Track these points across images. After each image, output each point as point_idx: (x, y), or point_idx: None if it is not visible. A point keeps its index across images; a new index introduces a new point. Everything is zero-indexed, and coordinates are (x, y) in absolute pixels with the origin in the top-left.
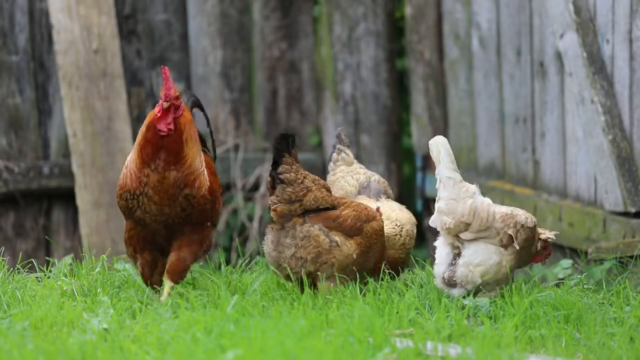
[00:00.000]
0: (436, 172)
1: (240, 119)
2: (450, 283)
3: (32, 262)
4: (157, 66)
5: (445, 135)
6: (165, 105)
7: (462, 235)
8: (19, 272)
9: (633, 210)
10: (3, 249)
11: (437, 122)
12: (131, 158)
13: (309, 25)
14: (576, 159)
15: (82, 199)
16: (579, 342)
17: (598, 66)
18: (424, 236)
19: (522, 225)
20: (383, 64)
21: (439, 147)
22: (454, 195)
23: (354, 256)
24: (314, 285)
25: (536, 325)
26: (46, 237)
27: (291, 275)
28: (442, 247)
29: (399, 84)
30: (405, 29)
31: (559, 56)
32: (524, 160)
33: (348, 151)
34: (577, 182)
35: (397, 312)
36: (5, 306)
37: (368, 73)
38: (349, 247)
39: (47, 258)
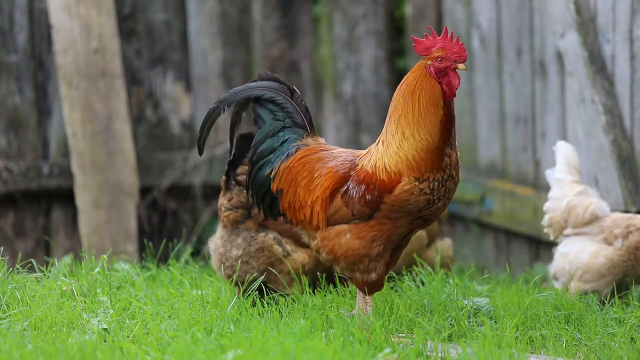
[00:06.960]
0: (549, 172)
1: (240, 118)
2: (554, 277)
3: (31, 262)
4: (157, 66)
5: None
6: (463, 67)
7: (564, 232)
8: (18, 272)
9: (634, 210)
10: (2, 249)
11: None
12: (417, 138)
13: (309, 25)
14: None
15: (82, 199)
16: (580, 342)
17: (599, 66)
18: None
19: (638, 228)
20: (383, 63)
21: (558, 152)
22: (559, 195)
23: (305, 267)
24: (259, 292)
25: (537, 325)
26: (45, 237)
27: (233, 279)
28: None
29: None
30: (406, 29)
31: (559, 56)
32: (525, 160)
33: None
34: None
35: (397, 312)
36: (5, 306)
37: (368, 73)
38: (299, 256)
39: (46, 258)
